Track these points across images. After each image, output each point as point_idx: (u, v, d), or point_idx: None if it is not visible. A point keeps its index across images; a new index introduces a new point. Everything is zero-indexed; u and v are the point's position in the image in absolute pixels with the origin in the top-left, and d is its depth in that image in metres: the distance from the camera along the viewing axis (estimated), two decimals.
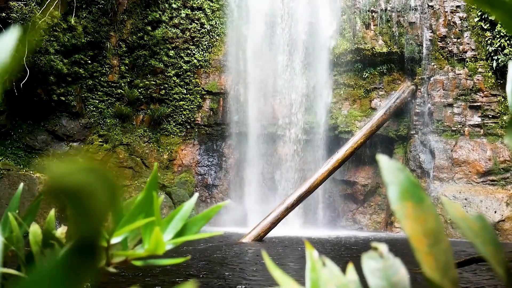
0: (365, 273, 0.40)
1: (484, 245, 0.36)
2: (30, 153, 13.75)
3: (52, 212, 0.81)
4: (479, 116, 13.13)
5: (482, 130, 13.06)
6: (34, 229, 0.76)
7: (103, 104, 14.79)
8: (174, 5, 15.14)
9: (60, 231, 0.78)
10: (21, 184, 0.98)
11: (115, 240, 0.66)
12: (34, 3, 11.68)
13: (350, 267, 0.45)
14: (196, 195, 0.81)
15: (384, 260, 0.39)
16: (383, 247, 0.40)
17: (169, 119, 15.29)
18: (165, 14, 15.09)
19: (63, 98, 13.90)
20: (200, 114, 15.29)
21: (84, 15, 14.15)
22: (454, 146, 13.01)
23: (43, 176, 11.55)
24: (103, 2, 14.29)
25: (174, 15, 15.16)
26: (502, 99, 13.00)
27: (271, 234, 10.69)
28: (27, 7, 11.49)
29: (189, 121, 15.28)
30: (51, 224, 0.78)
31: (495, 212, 11.66)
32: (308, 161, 14.28)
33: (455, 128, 13.21)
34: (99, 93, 14.76)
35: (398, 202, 0.37)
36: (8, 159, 12.81)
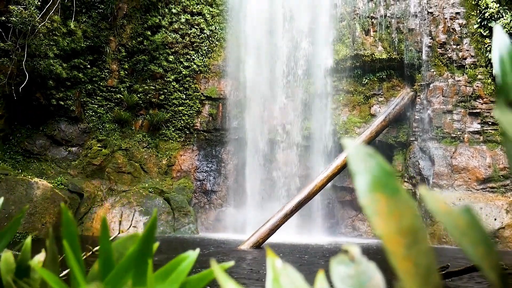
0: (333, 281, 0.34)
1: (473, 246, 0.30)
2: (28, 157, 13.68)
3: (29, 239, 0.73)
4: (478, 123, 13.08)
5: (481, 137, 13.00)
6: (6, 257, 0.67)
7: (102, 108, 14.75)
8: (174, 10, 15.15)
9: (37, 260, 0.70)
10: (1, 199, 0.91)
11: None
12: (34, 7, 11.67)
13: (321, 277, 0.39)
14: (197, 251, 0.71)
15: (356, 265, 0.33)
16: (354, 250, 0.34)
17: (168, 124, 15.25)
18: (165, 19, 15.09)
19: (62, 103, 13.86)
20: (199, 120, 15.25)
21: (84, 19, 14.14)
22: (453, 153, 12.95)
23: (41, 181, 11.48)
24: (103, 6, 14.29)
25: (174, 20, 15.17)
26: None
27: (270, 240, 10.60)
28: (26, 11, 11.48)
29: (188, 126, 15.23)
30: (26, 253, 0.70)
31: (495, 219, 11.57)
32: (307, 167, 14.21)
33: (454, 135, 13.15)
34: (98, 97, 14.73)
35: (368, 194, 0.31)
36: (6, 163, 12.75)
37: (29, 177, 11.46)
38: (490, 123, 12.98)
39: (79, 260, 0.59)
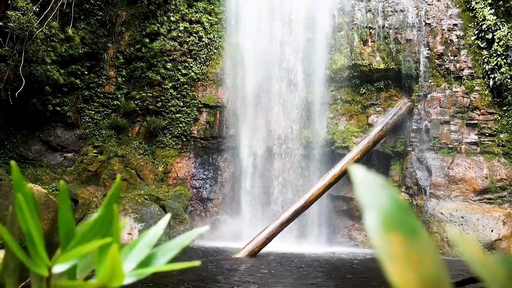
0: None
1: None
2: (23, 163, 13.59)
3: None
4: (475, 134, 13.09)
5: (478, 148, 13.01)
6: None
7: (99, 115, 14.70)
8: (172, 18, 15.17)
9: None
10: None
11: (60, 267, 0.53)
12: (32, 13, 11.65)
13: None
14: (168, 215, 0.68)
15: None
16: None
17: (165, 132, 15.20)
18: (163, 26, 15.11)
19: (58, 109, 13.80)
20: (196, 127, 15.21)
21: (82, 26, 14.14)
22: (450, 163, 12.94)
23: (36, 186, 11.38)
24: (101, 13, 14.30)
25: (173, 28, 15.18)
26: (499, 117, 12.98)
27: (266, 249, 10.53)
28: (24, 17, 11.46)
29: (185, 133, 15.18)
30: None
31: (492, 231, 11.54)
32: (304, 176, 14.17)
33: (451, 146, 13.16)
34: (95, 104, 14.68)
35: (381, 233, 0.27)
36: (1, 168, 12.65)
37: (24, 182, 11.34)
38: (487, 134, 13.00)
39: (36, 222, 0.53)
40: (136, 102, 14.99)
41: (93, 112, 14.61)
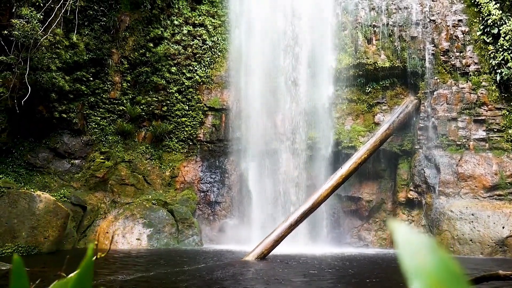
0: None
1: None
2: (31, 170, 13.63)
3: None
4: (483, 130, 12.97)
5: (487, 144, 12.89)
6: None
7: (105, 121, 14.72)
8: (176, 22, 15.18)
9: None
10: None
11: None
12: (36, 21, 11.69)
13: None
14: None
15: None
16: None
17: (171, 136, 15.19)
18: (167, 30, 15.12)
19: (64, 115, 13.84)
20: (202, 131, 15.19)
21: (86, 32, 14.17)
22: (459, 160, 12.82)
23: (44, 194, 11.40)
24: (105, 19, 14.34)
25: (176, 31, 15.19)
26: (507, 113, 12.85)
27: (275, 251, 10.47)
28: (29, 25, 11.50)
29: (191, 137, 15.17)
30: None
31: (503, 227, 11.41)
32: (312, 177, 14.10)
33: (459, 143, 13.05)
34: (101, 110, 14.70)
35: None
36: (9, 177, 12.69)
37: (32, 190, 11.37)
38: (496, 130, 12.87)
39: None
40: (141, 107, 15.00)
41: (99, 118, 14.64)
